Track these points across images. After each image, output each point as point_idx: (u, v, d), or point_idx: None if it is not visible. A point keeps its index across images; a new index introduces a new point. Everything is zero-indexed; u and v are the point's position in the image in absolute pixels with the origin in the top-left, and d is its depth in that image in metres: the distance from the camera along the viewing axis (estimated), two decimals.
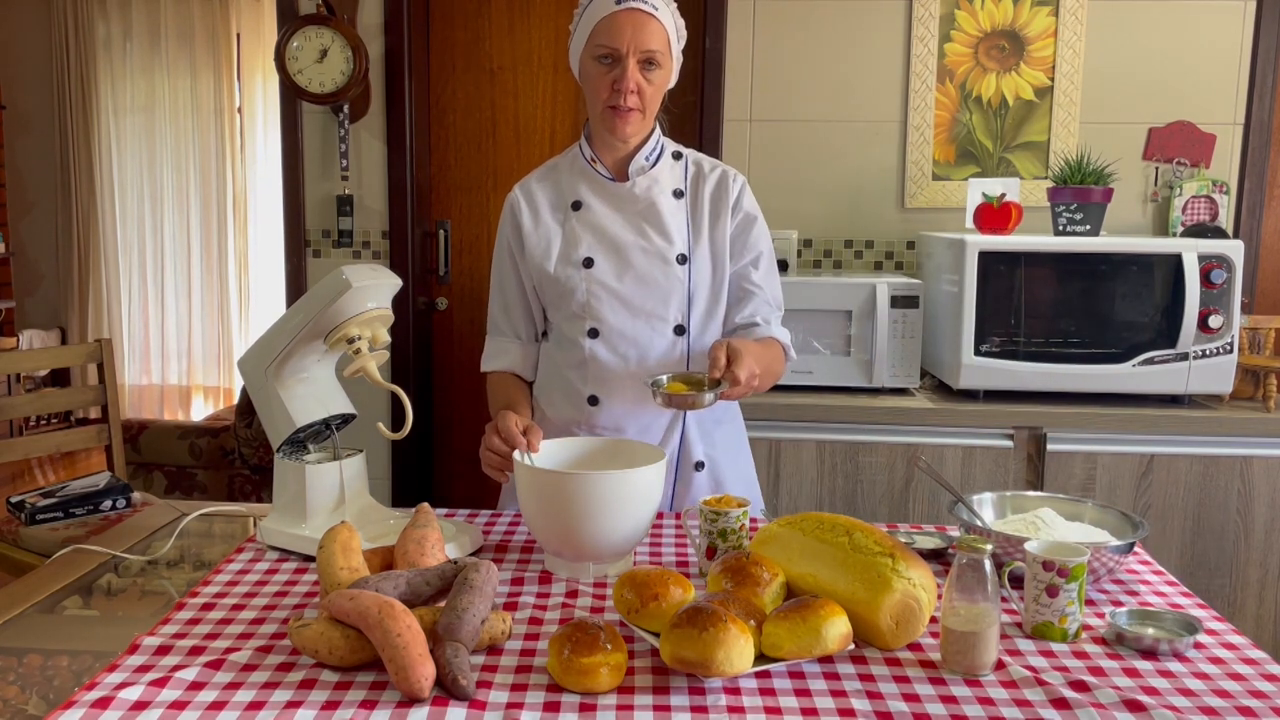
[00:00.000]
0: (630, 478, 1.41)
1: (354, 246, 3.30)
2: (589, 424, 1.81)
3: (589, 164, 1.81)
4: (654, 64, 1.69)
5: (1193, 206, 3.01)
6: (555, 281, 1.79)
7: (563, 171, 1.85)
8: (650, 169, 1.80)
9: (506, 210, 1.85)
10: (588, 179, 1.81)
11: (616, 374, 1.78)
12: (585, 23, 1.72)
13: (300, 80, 3.12)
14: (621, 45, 1.66)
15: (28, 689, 1.15)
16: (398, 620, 1.12)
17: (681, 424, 1.82)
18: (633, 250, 1.77)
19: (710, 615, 1.11)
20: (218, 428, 3.90)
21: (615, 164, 1.81)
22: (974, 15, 3.05)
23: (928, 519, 2.63)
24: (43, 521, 2.57)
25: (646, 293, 1.77)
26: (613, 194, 1.80)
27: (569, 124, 3.39)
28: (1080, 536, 1.47)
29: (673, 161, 1.84)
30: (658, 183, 1.80)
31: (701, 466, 1.84)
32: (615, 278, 1.77)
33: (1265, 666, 1.22)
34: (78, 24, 5.87)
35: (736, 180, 1.85)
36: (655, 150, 1.80)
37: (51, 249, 6.17)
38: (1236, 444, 2.57)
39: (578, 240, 1.79)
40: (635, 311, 1.77)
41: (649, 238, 1.78)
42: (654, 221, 1.79)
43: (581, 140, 1.84)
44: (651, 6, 1.68)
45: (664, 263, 1.77)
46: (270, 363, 1.57)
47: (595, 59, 1.70)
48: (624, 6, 1.66)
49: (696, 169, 1.85)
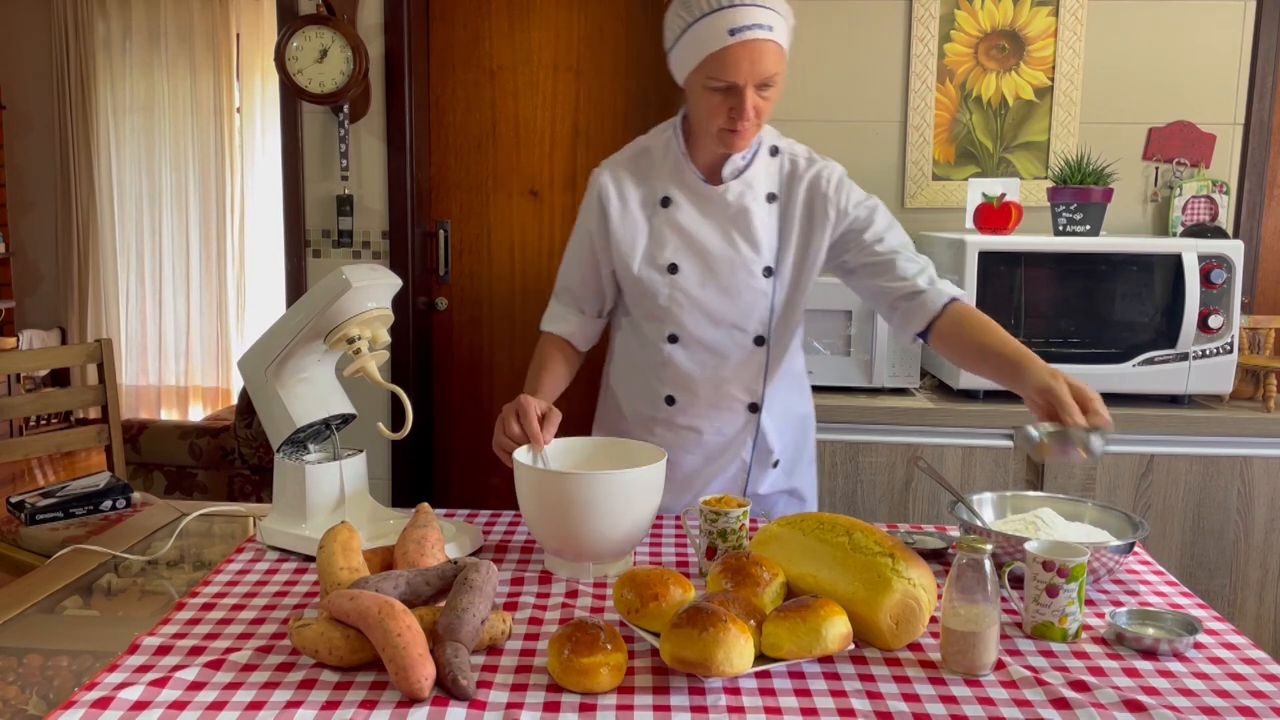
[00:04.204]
0: (630, 478, 1.41)
1: (354, 246, 3.30)
2: (667, 420, 1.80)
3: (683, 158, 1.72)
4: (771, 84, 1.58)
5: (1193, 206, 3.01)
6: (638, 282, 1.74)
7: (655, 160, 1.75)
8: (745, 170, 1.71)
9: (593, 193, 1.77)
10: (680, 175, 1.72)
11: (694, 379, 1.76)
12: (693, 47, 1.56)
13: (300, 80, 3.12)
14: (739, 79, 1.54)
15: (28, 689, 1.15)
16: (398, 620, 1.12)
17: (757, 426, 1.81)
18: (719, 259, 1.71)
19: (710, 615, 1.11)
20: (218, 428, 3.90)
21: (708, 161, 1.72)
22: (974, 15, 3.05)
23: (928, 519, 2.62)
24: (43, 521, 2.57)
25: (729, 304, 1.73)
26: (704, 196, 1.72)
27: (569, 124, 3.39)
28: (1080, 536, 1.47)
29: (768, 159, 1.74)
30: (751, 188, 1.71)
31: (777, 464, 1.86)
32: (699, 285, 1.72)
33: (1265, 666, 1.23)
34: (77, 24, 5.87)
35: (831, 180, 1.73)
36: (753, 149, 1.71)
37: (51, 249, 6.17)
38: (1236, 444, 2.57)
39: (664, 242, 1.72)
40: (717, 321, 1.73)
41: (737, 247, 1.71)
42: (744, 230, 1.71)
43: (678, 129, 1.73)
44: (766, 29, 1.53)
45: (749, 275, 1.72)
46: (270, 363, 1.57)
47: (707, 88, 1.58)
48: (739, 39, 1.52)
49: (792, 166, 1.74)
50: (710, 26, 1.53)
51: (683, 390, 1.78)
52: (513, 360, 3.50)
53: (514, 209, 3.44)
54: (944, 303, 1.67)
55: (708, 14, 1.53)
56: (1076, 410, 1.38)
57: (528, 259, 3.46)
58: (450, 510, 1.76)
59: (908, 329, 1.72)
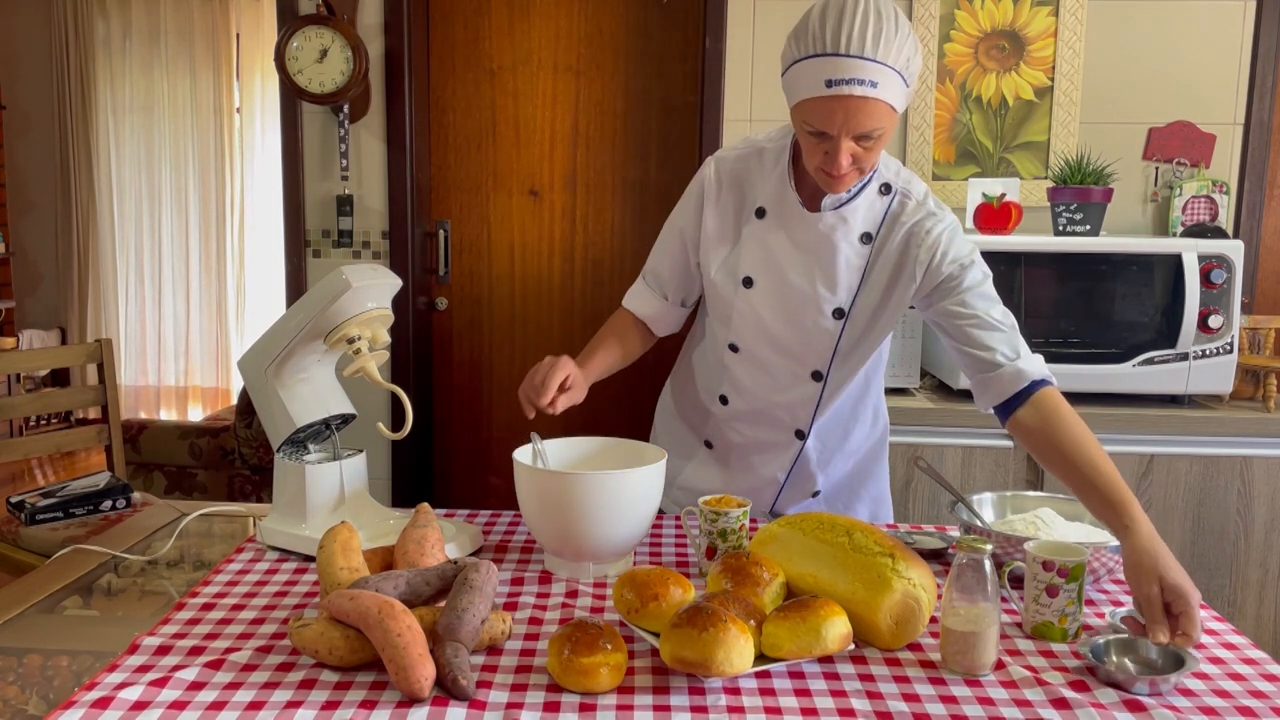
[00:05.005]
0: (630, 478, 1.41)
1: (354, 246, 3.30)
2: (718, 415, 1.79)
3: (788, 175, 1.62)
4: (871, 137, 1.44)
5: (1193, 206, 3.01)
6: (712, 285, 1.71)
7: (765, 165, 1.65)
8: (845, 203, 1.59)
9: (698, 183, 1.70)
10: (781, 190, 1.63)
11: (747, 390, 1.75)
12: (794, 84, 1.46)
13: (300, 80, 3.12)
14: (832, 130, 1.42)
15: (28, 689, 1.14)
16: (398, 620, 1.12)
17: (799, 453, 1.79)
18: (793, 289, 1.64)
19: (710, 615, 1.11)
20: (218, 428, 3.90)
21: (811, 185, 1.61)
22: (974, 15, 3.05)
23: (928, 519, 2.62)
24: (43, 521, 2.57)
25: (792, 335, 1.67)
26: (797, 219, 1.62)
27: (569, 124, 3.39)
28: (1080, 536, 1.47)
29: (874, 196, 1.61)
30: (845, 222, 1.60)
31: (817, 494, 1.83)
32: (767, 309, 1.66)
33: (1265, 666, 1.23)
34: (77, 24, 5.87)
35: (931, 233, 1.58)
36: (860, 184, 1.59)
37: (51, 249, 6.17)
38: (1236, 444, 2.57)
39: (747, 253, 1.66)
40: (776, 348, 1.69)
41: (813, 282, 1.63)
42: (825, 266, 1.62)
43: (794, 142, 1.63)
44: (869, 85, 1.38)
45: (819, 313, 1.64)
46: (270, 363, 1.57)
47: (804, 129, 1.46)
48: (835, 92, 1.39)
49: (899, 208, 1.61)
50: (810, 71, 1.41)
51: (735, 395, 1.76)
52: (513, 360, 3.50)
53: (514, 209, 3.44)
54: (1022, 387, 1.51)
55: (809, 57, 1.41)
56: (1162, 630, 1.22)
57: (528, 259, 3.46)
58: (450, 510, 1.76)
59: (982, 403, 1.59)
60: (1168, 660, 1.19)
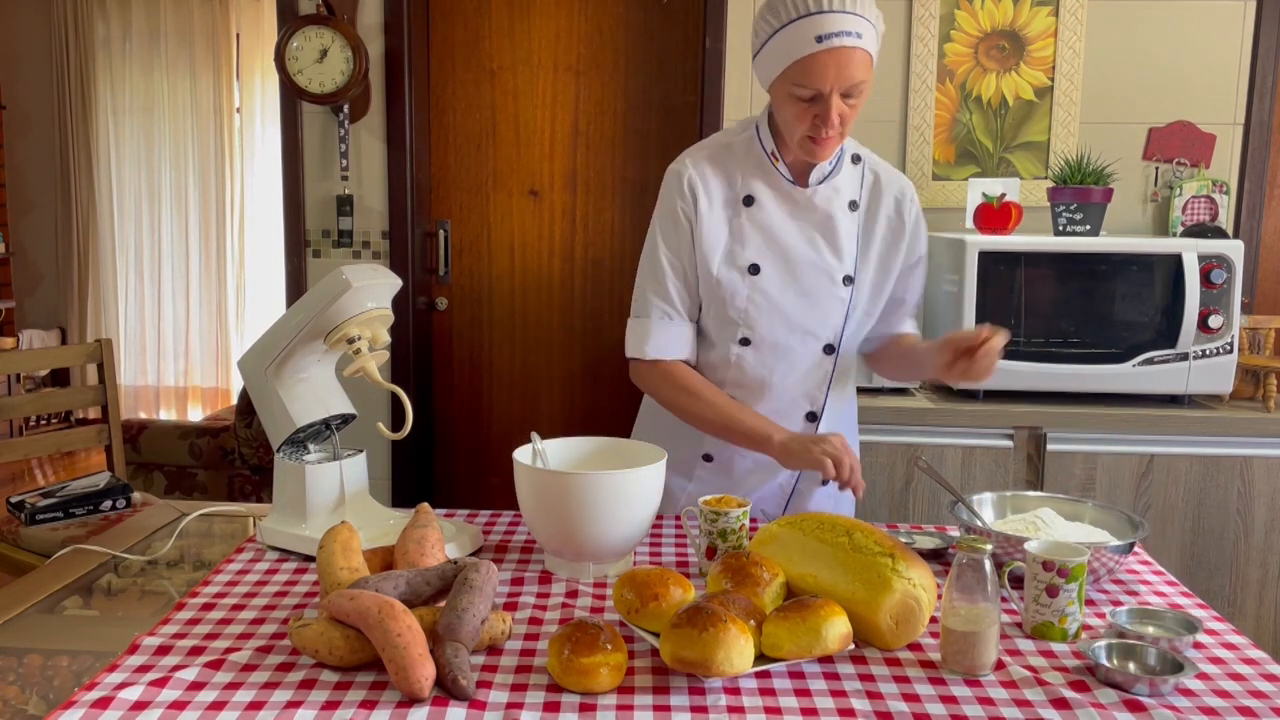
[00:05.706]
0: (630, 478, 1.41)
1: (354, 246, 3.30)
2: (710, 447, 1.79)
3: (769, 158, 1.68)
4: (857, 93, 1.55)
5: (1193, 206, 3.01)
6: (716, 283, 1.70)
7: (737, 157, 1.71)
8: (831, 174, 1.69)
9: (678, 184, 1.71)
10: (765, 174, 1.69)
11: (761, 382, 1.74)
12: (779, 53, 1.54)
13: (300, 80, 3.12)
14: (824, 86, 1.52)
15: (28, 689, 1.15)
16: (398, 620, 1.12)
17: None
18: (802, 263, 1.69)
19: (710, 615, 1.11)
20: (218, 428, 3.90)
21: (796, 163, 1.69)
22: (974, 15, 3.05)
23: (928, 519, 2.62)
24: (43, 521, 2.57)
25: (808, 309, 1.70)
26: (791, 198, 1.69)
27: (569, 124, 3.39)
28: (1080, 536, 1.47)
29: (851, 166, 1.72)
30: (838, 193, 1.70)
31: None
32: (779, 288, 1.69)
33: (1265, 666, 1.23)
34: (78, 24, 5.87)
35: (914, 204, 1.76)
36: (836, 155, 1.69)
37: (51, 249, 6.17)
38: (1236, 444, 2.57)
39: (746, 241, 1.69)
40: (792, 327, 1.71)
41: (821, 252, 1.69)
42: (829, 236, 1.70)
43: (763, 127, 1.69)
44: (855, 36, 1.51)
45: (831, 281, 1.70)
46: (270, 363, 1.57)
47: (792, 95, 1.55)
48: (826, 46, 1.50)
49: (874, 178, 1.74)
50: (797, 32, 1.51)
51: (745, 394, 1.75)
52: (512, 360, 3.50)
53: (514, 209, 3.44)
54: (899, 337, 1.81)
55: (795, 20, 1.51)
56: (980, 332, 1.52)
57: (528, 259, 3.46)
58: (450, 510, 1.76)
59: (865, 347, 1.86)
60: (1168, 661, 1.19)
